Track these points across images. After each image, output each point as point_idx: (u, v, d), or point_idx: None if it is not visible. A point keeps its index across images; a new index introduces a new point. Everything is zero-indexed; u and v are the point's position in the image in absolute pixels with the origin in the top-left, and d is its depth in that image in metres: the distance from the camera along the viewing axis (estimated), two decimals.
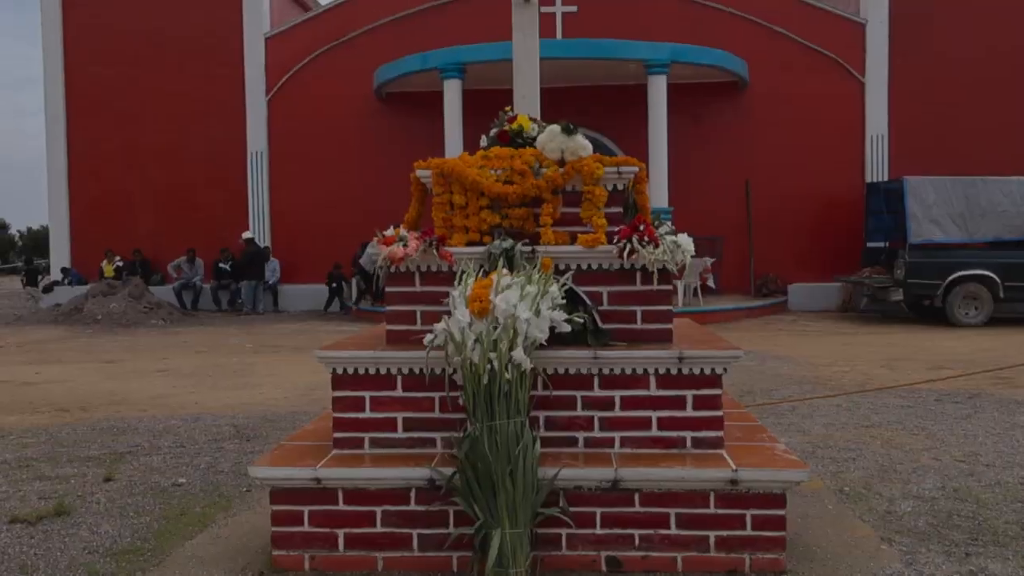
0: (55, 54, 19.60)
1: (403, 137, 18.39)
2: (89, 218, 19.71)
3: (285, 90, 19.19)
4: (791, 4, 18.49)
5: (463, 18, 18.30)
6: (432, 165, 4.65)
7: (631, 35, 17.18)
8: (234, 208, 19.28)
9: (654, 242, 4.13)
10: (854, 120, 18.14)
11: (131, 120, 19.47)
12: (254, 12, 19.20)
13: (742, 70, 17.44)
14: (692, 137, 17.92)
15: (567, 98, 17.16)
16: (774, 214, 18.14)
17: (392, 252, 4.16)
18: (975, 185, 14.96)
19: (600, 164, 4.49)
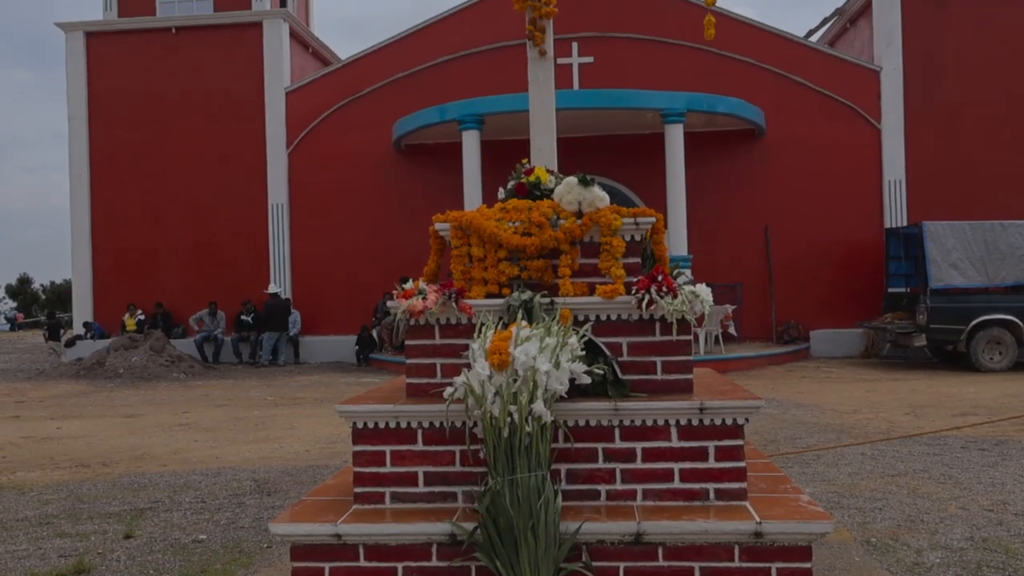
0: (80, 113, 19.99)
1: (422, 188, 18.57)
2: (112, 272, 19.93)
3: (305, 143, 19.46)
4: (805, 52, 18.65)
5: (480, 69, 18.57)
6: (450, 218, 4.68)
7: (647, 84, 17.37)
8: (255, 260, 19.45)
9: (672, 292, 4.12)
10: (871, 166, 18.16)
11: (153, 176, 19.77)
12: (275, 68, 19.55)
13: (758, 118, 17.54)
14: (710, 184, 17.99)
15: (585, 147, 17.35)
16: (794, 260, 18.10)
17: (411, 305, 4.18)
18: (994, 229, 14.90)
19: (617, 215, 4.51)
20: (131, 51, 19.99)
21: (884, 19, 18.14)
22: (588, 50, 17.64)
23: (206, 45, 19.78)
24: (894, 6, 18.08)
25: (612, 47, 18.43)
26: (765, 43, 18.48)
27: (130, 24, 19.95)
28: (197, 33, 19.81)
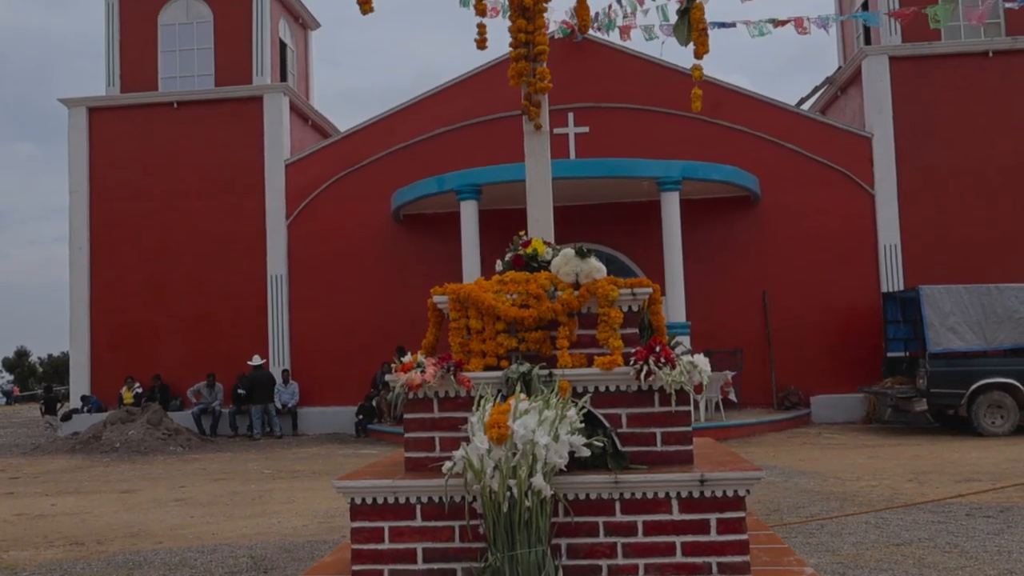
0: (81, 186, 20.18)
1: (420, 258, 18.67)
2: (110, 345, 19.90)
3: (305, 214, 19.62)
4: (798, 120, 18.95)
5: (477, 140, 18.82)
6: (448, 291, 4.71)
7: (643, 153, 17.60)
8: (254, 332, 19.45)
9: (671, 363, 4.13)
10: (866, 231, 18.30)
11: (153, 248, 19.88)
12: (275, 140, 19.81)
13: (753, 185, 17.73)
14: (707, 251, 18.10)
15: (582, 216, 17.50)
16: (793, 325, 18.11)
17: (410, 379, 4.18)
18: (990, 293, 14.95)
19: (615, 286, 4.54)
20: (133, 125, 20.27)
21: (874, 88, 18.47)
22: (584, 120, 17.92)
23: (207, 118, 20.07)
24: (883, 75, 18.43)
25: (607, 117, 18.72)
26: (758, 111, 18.79)
27: (132, 99, 20.27)
28: (198, 107, 20.12)
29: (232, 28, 20.37)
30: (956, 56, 18.48)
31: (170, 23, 20.63)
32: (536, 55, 5.71)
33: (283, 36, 21.71)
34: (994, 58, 18.36)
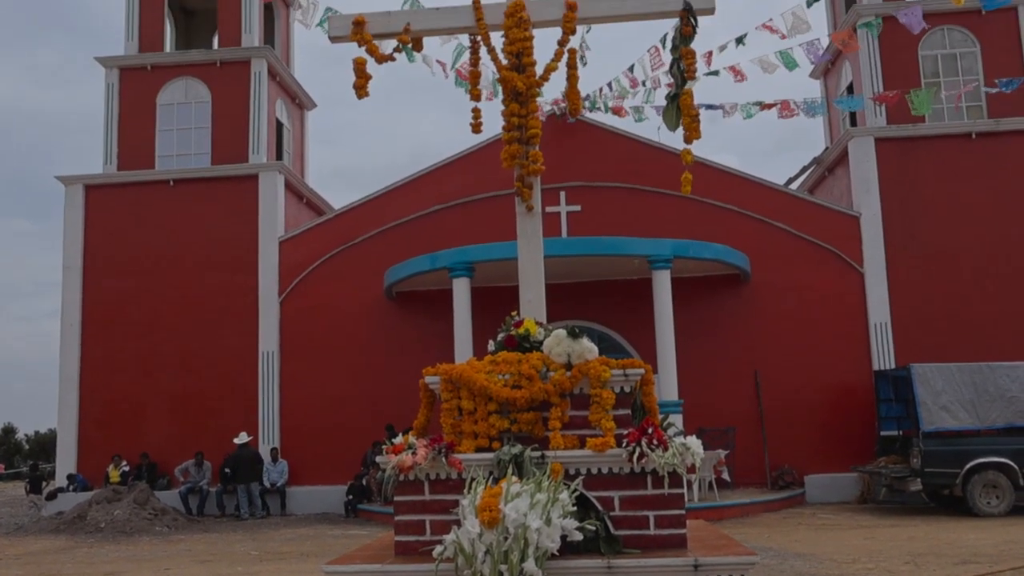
0: (75, 263, 20.21)
1: (413, 336, 18.65)
2: (98, 422, 19.68)
3: (297, 291, 19.65)
4: (786, 199, 19.20)
5: (470, 218, 18.99)
6: (440, 371, 4.72)
7: (634, 232, 17.76)
8: (245, 410, 19.28)
9: (663, 445, 4.13)
10: (856, 309, 18.39)
11: (145, 325, 19.82)
12: (270, 218, 19.95)
13: (743, 263, 17.87)
14: (699, 329, 18.14)
15: (574, 294, 17.58)
16: (785, 404, 18.05)
17: (401, 461, 4.16)
18: (981, 371, 14.98)
19: (607, 367, 4.55)
20: (128, 202, 20.41)
21: (860, 168, 18.78)
22: (575, 198, 18.14)
23: (202, 196, 20.23)
24: (869, 156, 18.75)
25: (599, 195, 18.94)
26: (747, 191, 19.05)
27: (129, 177, 20.45)
28: (194, 185, 20.31)
29: (230, 108, 20.70)
30: (941, 137, 18.85)
31: (168, 103, 20.96)
32: (529, 138, 5.83)
33: (280, 116, 22.07)
34: (977, 139, 18.73)
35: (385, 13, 6.12)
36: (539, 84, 5.84)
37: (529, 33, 5.85)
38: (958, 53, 19.39)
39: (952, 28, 19.38)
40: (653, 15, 5.92)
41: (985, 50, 19.29)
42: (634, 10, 5.87)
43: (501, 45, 5.95)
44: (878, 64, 19.27)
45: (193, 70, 20.98)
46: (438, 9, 6.15)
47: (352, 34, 5.99)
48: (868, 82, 19.25)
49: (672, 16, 5.87)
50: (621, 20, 6.17)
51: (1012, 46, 19.23)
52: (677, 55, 5.71)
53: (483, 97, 6.73)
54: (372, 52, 6.01)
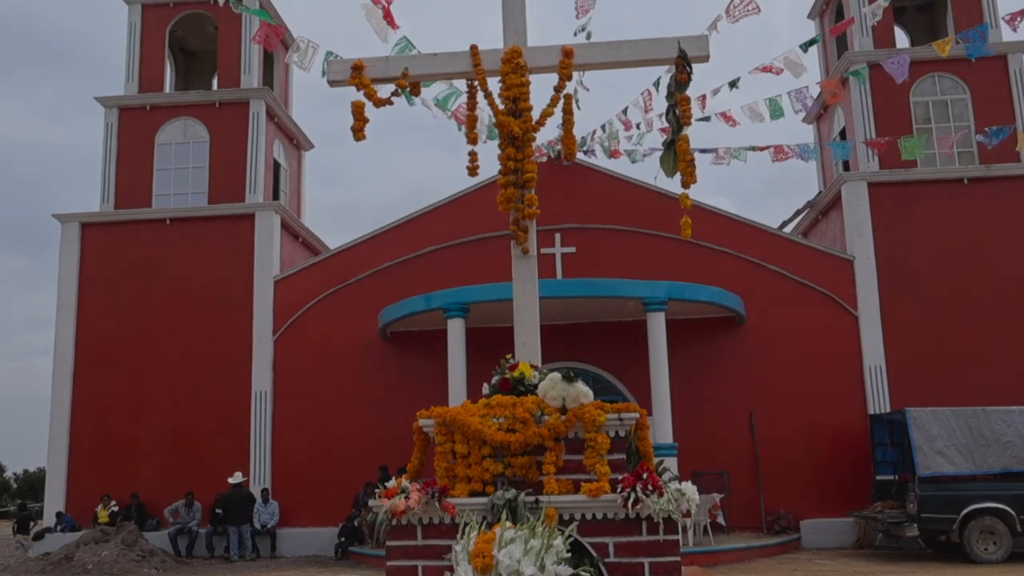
0: (69, 300, 20.15)
1: (407, 376, 18.60)
2: (88, 462, 19.50)
3: (292, 330, 19.61)
4: (780, 242, 19.29)
5: (466, 258, 19.03)
6: (434, 414, 4.71)
7: (629, 273, 17.80)
8: (236, 449, 19.14)
9: (658, 491, 4.11)
10: (851, 352, 18.39)
11: (137, 363, 19.73)
12: (265, 257, 19.96)
13: (738, 306, 17.90)
14: (693, 371, 18.13)
15: (568, 335, 17.57)
16: (780, 447, 17.98)
17: (394, 505, 4.13)
18: (976, 416, 14.96)
19: (601, 411, 4.55)
20: (124, 240, 20.42)
21: (854, 212, 18.90)
22: (570, 240, 18.22)
23: (198, 235, 20.26)
24: (862, 200, 18.89)
25: (594, 237, 19.02)
26: (741, 234, 19.14)
27: (125, 215, 20.49)
28: (190, 224, 20.34)
29: (228, 148, 20.82)
30: (933, 182, 19.00)
31: (167, 142, 21.08)
32: (524, 182, 5.87)
33: (277, 156, 22.20)
34: (970, 185, 18.88)
35: (384, 58, 6.19)
36: (535, 129, 5.90)
37: (526, 79, 5.93)
38: (949, 100, 19.63)
39: (943, 75, 19.63)
40: (649, 62, 6.00)
41: (975, 97, 19.52)
42: (630, 57, 5.95)
43: (498, 90, 6.02)
44: (870, 109, 19.49)
45: (192, 110, 21.14)
46: (436, 54, 6.22)
47: (351, 78, 6.06)
48: (860, 127, 19.45)
49: (667, 63, 5.95)
50: (617, 67, 6.25)
51: (1002, 93, 19.47)
52: (673, 101, 5.78)
53: (480, 140, 6.78)
54: (370, 96, 6.07)
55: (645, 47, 5.97)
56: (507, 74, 5.89)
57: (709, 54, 5.97)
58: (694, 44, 5.92)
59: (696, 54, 5.87)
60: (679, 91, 5.76)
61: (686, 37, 5.98)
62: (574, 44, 6.14)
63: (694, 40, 6.02)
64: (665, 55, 5.90)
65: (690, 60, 5.80)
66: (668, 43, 5.91)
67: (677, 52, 5.80)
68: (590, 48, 6.16)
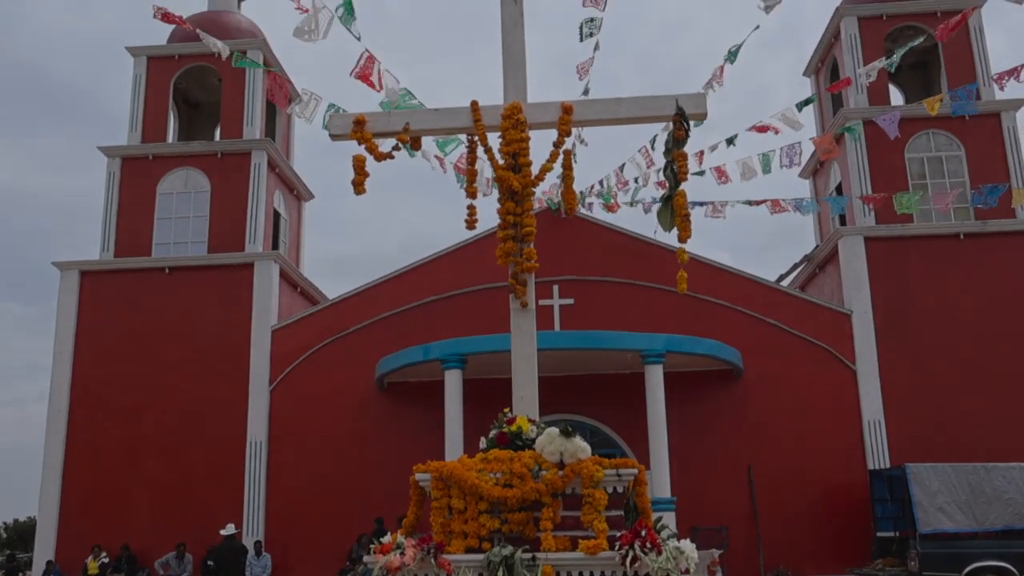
0: (66, 348, 20.08)
1: (403, 427, 18.49)
2: (80, 511, 19.27)
3: (288, 380, 19.53)
4: (778, 295, 19.33)
5: (464, 309, 19.03)
6: (431, 468, 4.68)
7: (627, 326, 17.80)
8: (230, 500, 18.93)
9: (657, 549, 4.07)
10: (850, 406, 18.32)
11: (133, 412, 19.59)
12: (264, 307, 19.95)
13: (736, 359, 17.87)
14: (692, 424, 18.04)
15: (566, 387, 17.50)
16: (780, 501, 17.81)
17: (389, 562, 4.08)
18: (977, 473, 14.85)
19: (599, 467, 4.53)
20: (123, 289, 20.42)
21: (851, 266, 18.98)
22: (569, 292, 18.25)
23: (197, 284, 20.27)
24: (859, 255, 18.97)
25: (592, 289, 19.05)
26: (739, 287, 19.18)
27: (125, 264, 20.52)
28: (190, 273, 20.36)
29: (228, 198, 20.93)
30: (929, 237, 19.11)
31: (168, 191, 21.20)
32: (524, 236, 5.91)
33: (277, 207, 22.32)
34: (966, 240, 18.98)
35: (385, 112, 6.26)
36: (534, 184, 5.96)
37: (526, 135, 5.99)
38: (944, 156, 19.83)
39: (937, 132, 19.86)
40: (647, 119, 6.08)
41: (970, 153, 19.73)
42: (629, 114, 6.03)
43: (498, 145, 6.08)
44: (866, 165, 19.68)
45: (194, 161, 21.30)
46: (437, 110, 6.30)
47: (352, 133, 6.12)
48: (856, 182, 19.63)
49: (666, 120, 6.02)
50: (616, 124, 6.32)
51: (996, 150, 19.68)
52: (670, 158, 5.84)
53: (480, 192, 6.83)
54: (371, 150, 6.13)
55: (644, 104, 6.05)
56: (507, 129, 5.96)
57: (707, 112, 6.05)
58: (692, 101, 6.00)
59: (694, 111, 5.95)
60: (677, 147, 5.82)
61: (684, 95, 6.08)
62: (573, 101, 6.23)
63: (692, 98, 6.11)
64: (663, 112, 5.98)
65: (688, 117, 5.87)
66: (666, 100, 5.99)
67: (675, 109, 5.88)
68: (589, 105, 6.24)
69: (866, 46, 20.43)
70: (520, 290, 5.85)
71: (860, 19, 20.71)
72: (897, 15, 20.71)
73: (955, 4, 20.20)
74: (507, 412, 5.36)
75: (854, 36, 20.58)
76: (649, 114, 6.00)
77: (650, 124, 6.76)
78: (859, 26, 20.66)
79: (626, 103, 6.19)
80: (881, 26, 20.69)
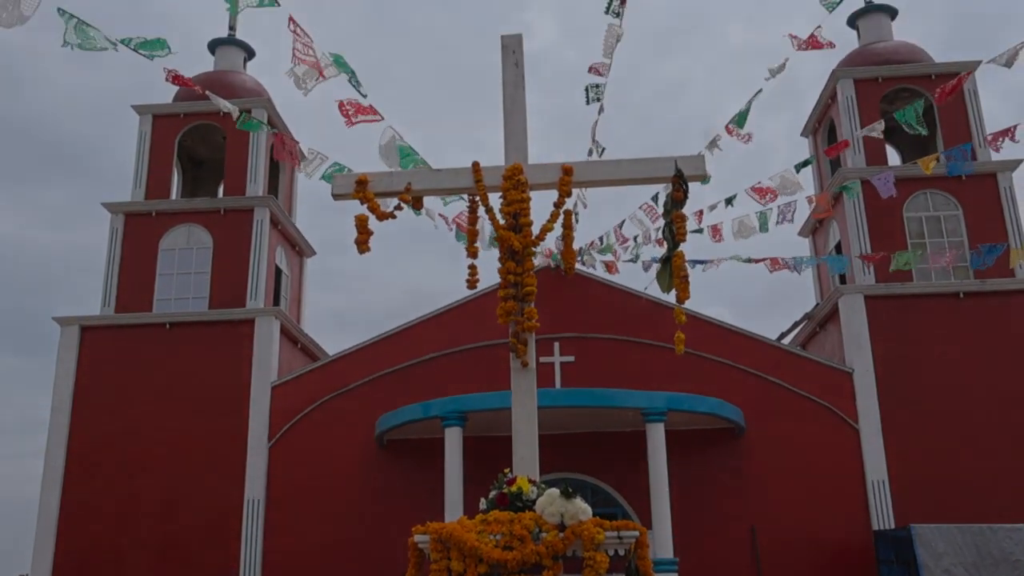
0: (64, 404, 19.92)
1: (403, 486, 18.33)
2: (74, 570, 18.93)
3: (287, 437, 19.39)
4: (779, 353, 19.29)
5: (464, 366, 18.98)
6: (430, 530, 4.64)
7: (628, 383, 17.74)
8: (225, 560, 18.64)
9: None
10: (853, 466, 18.15)
11: (129, 471, 19.37)
12: (264, 363, 19.88)
13: (737, 417, 17.78)
14: (694, 483, 17.87)
15: (567, 445, 17.40)
16: (783, 562, 17.54)
17: None
18: (983, 534, 14.70)
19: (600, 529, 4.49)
20: (123, 344, 20.37)
21: (851, 325, 18.97)
22: (569, 349, 18.24)
23: (198, 340, 20.23)
24: (859, 313, 18.98)
25: (593, 347, 19.03)
26: (741, 345, 19.16)
27: (125, 319, 20.52)
28: (190, 328, 20.34)
29: (230, 254, 21.00)
30: (929, 296, 19.13)
31: (170, 247, 21.30)
32: (524, 296, 5.94)
33: (279, 263, 22.40)
34: (965, 299, 19.00)
35: (388, 173, 6.35)
36: (535, 244, 6.01)
37: (526, 195, 6.06)
38: (942, 216, 19.96)
39: (934, 192, 20.01)
40: (647, 180, 6.15)
41: (967, 213, 19.85)
42: (628, 175, 6.10)
43: (499, 205, 6.14)
44: (864, 224, 19.80)
45: (197, 217, 21.43)
46: (439, 170, 6.38)
47: (355, 192, 6.19)
48: (855, 241, 19.72)
49: (665, 181, 6.09)
50: (615, 184, 6.40)
51: (993, 210, 19.80)
52: (669, 219, 5.90)
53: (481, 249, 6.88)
54: (374, 210, 6.20)
55: (643, 166, 6.13)
56: (508, 190, 6.03)
57: (705, 173, 6.12)
58: (690, 163, 6.08)
59: (692, 173, 6.02)
60: (675, 208, 5.89)
61: (683, 156, 6.16)
62: (574, 162, 6.30)
63: (691, 159, 6.19)
64: (662, 173, 6.06)
65: (687, 179, 5.94)
66: (665, 162, 6.07)
67: (674, 171, 5.95)
68: (589, 166, 6.32)
69: (862, 107, 20.71)
70: (521, 349, 5.86)
71: (856, 81, 21.01)
72: (892, 77, 21.02)
73: (950, 67, 20.54)
74: (507, 472, 5.34)
75: (850, 98, 20.86)
76: (648, 175, 6.08)
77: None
78: (855, 88, 20.96)
79: (625, 164, 6.27)
80: (877, 88, 20.99)
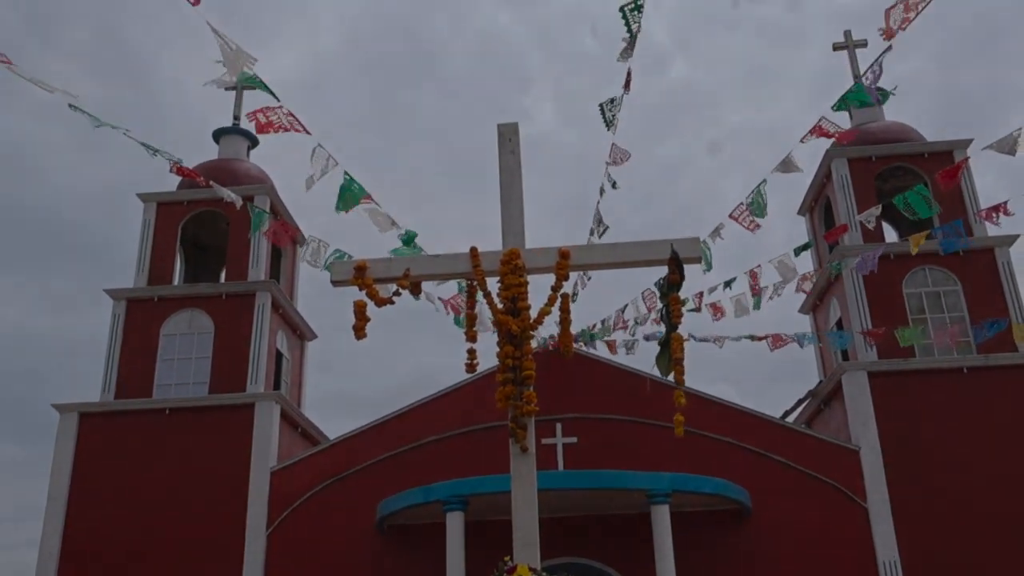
0: (60, 493, 19.60)
1: (404, 573, 17.97)
2: None
3: (286, 523, 19.07)
4: (784, 432, 19.11)
5: (465, 449, 18.79)
6: None
7: (631, 464, 17.55)
8: None
9: None
10: (863, 546, 17.80)
11: (124, 560, 18.90)
12: (263, 448, 19.67)
13: (744, 498, 17.54)
14: (700, 565, 17.47)
15: (570, 528, 17.12)
16: None
17: None
18: None
19: None
20: (122, 431, 20.18)
21: (855, 402, 18.84)
22: (571, 430, 18.10)
23: (197, 425, 20.05)
24: (863, 390, 18.85)
25: (595, 428, 18.87)
26: (745, 424, 18.99)
27: (124, 405, 20.38)
28: (190, 414, 20.18)
29: (231, 339, 20.97)
30: (933, 371, 19.04)
31: (172, 333, 21.29)
32: (523, 379, 5.93)
33: (280, 347, 22.39)
34: (969, 374, 18.91)
35: (386, 259, 6.41)
36: (533, 327, 6.02)
37: (524, 279, 6.10)
38: (941, 291, 20.00)
39: (933, 268, 20.10)
40: (642, 263, 6.20)
41: (967, 289, 19.88)
42: (624, 258, 6.16)
43: (497, 290, 6.18)
44: (864, 300, 19.82)
45: (199, 302, 21.46)
46: (437, 256, 6.44)
47: (353, 279, 6.24)
48: (856, 318, 19.72)
49: (662, 264, 6.14)
50: (612, 268, 6.45)
51: (993, 284, 19.83)
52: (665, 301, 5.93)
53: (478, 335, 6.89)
54: (372, 296, 6.23)
55: (639, 249, 6.19)
56: (506, 275, 6.08)
57: (701, 256, 6.18)
58: (686, 246, 6.14)
59: (688, 255, 6.07)
60: (671, 291, 5.92)
61: (679, 239, 6.22)
62: (571, 246, 6.37)
63: (686, 242, 6.24)
64: (659, 256, 6.11)
65: (682, 261, 5.99)
66: (661, 245, 6.13)
67: (670, 254, 6.00)
68: (586, 250, 6.39)
69: (857, 186, 20.93)
70: (520, 434, 5.83)
71: (850, 160, 21.28)
72: (886, 156, 21.31)
73: (943, 146, 20.86)
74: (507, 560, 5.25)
75: (845, 177, 21.11)
76: (645, 258, 6.13)
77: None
78: (849, 167, 21.22)
79: (622, 248, 6.33)
80: (871, 167, 21.26)
